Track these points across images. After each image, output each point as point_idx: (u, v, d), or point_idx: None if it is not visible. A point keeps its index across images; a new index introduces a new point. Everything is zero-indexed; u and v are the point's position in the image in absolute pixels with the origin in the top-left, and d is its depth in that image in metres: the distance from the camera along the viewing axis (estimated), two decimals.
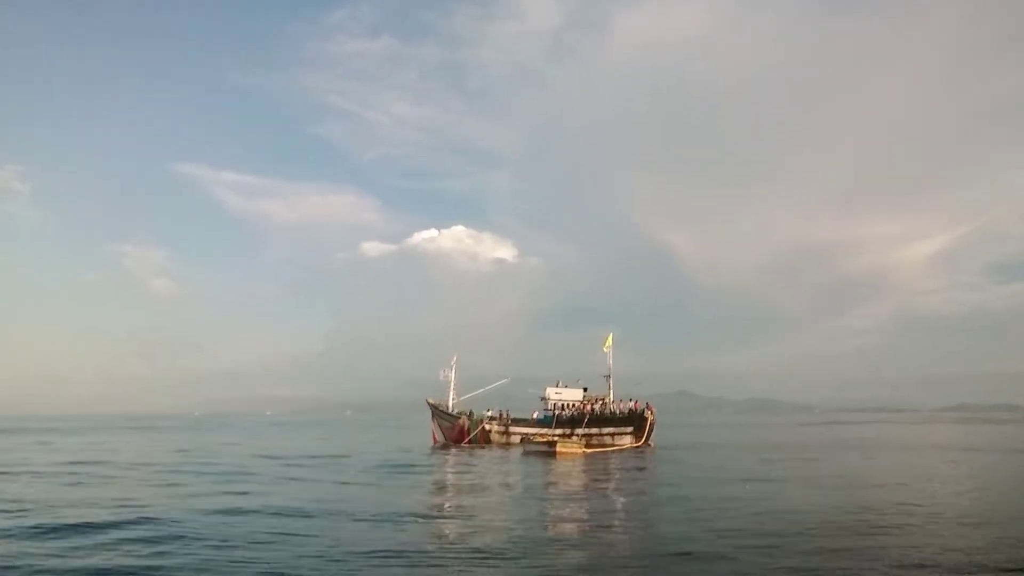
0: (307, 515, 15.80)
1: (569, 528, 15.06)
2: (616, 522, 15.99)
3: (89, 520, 14.59)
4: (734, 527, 14.11)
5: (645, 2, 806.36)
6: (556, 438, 40.95)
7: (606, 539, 13.66)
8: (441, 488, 23.24)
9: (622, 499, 20.07)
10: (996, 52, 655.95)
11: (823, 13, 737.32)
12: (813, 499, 18.94)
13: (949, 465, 30.15)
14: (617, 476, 26.97)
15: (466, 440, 43.64)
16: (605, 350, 47.00)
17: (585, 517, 16.46)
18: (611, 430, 44.33)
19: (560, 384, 46.26)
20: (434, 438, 46.08)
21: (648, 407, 45.74)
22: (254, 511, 16.33)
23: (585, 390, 46.38)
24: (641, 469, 30.01)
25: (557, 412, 44.90)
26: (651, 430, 45.01)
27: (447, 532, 14.26)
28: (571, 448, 37.46)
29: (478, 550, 11.92)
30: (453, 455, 36.89)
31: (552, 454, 35.59)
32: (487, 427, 44.26)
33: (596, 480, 25.50)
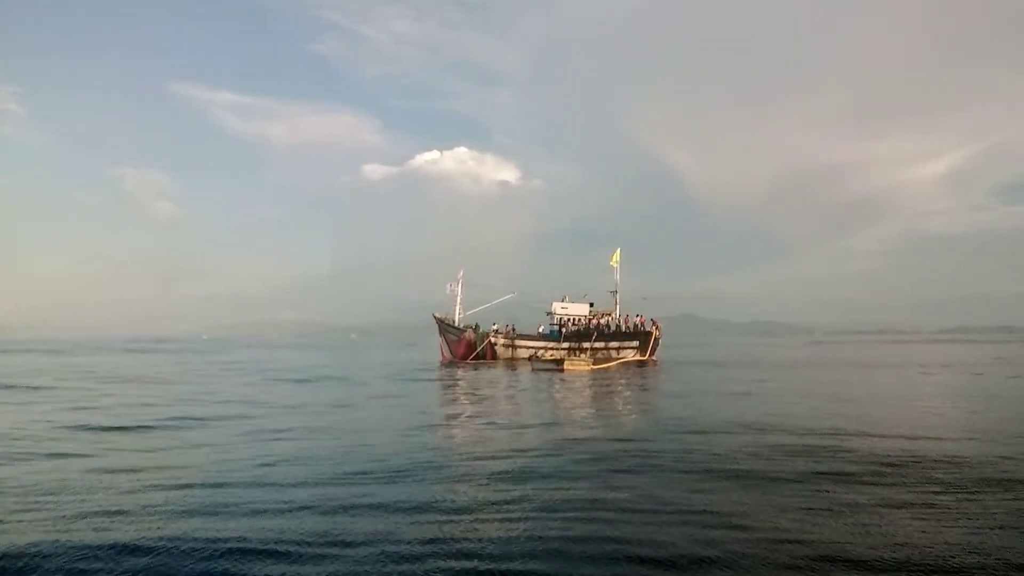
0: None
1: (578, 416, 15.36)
2: (622, 415, 16.40)
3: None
4: (730, 419, 14.98)
5: None
6: (564, 353, 41.36)
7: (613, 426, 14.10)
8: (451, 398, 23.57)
9: (629, 399, 20.44)
10: None
11: None
12: (796, 404, 19.47)
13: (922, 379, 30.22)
14: (623, 382, 27.29)
15: (472, 355, 44.00)
16: (612, 264, 46.77)
17: (592, 411, 16.90)
18: (616, 344, 44.63)
19: (566, 299, 46.33)
20: (442, 354, 46.41)
21: (654, 323, 45.92)
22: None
23: (591, 305, 46.48)
24: (645, 379, 30.34)
25: (563, 327, 45.16)
26: (655, 345, 45.34)
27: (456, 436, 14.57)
28: (578, 365, 37.58)
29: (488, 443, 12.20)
30: (460, 369, 37.27)
31: (560, 371, 35.66)
32: (493, 341, 44.54)
33: (603, 387, 25.83)
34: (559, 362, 37.98)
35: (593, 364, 38.81)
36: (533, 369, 37.38)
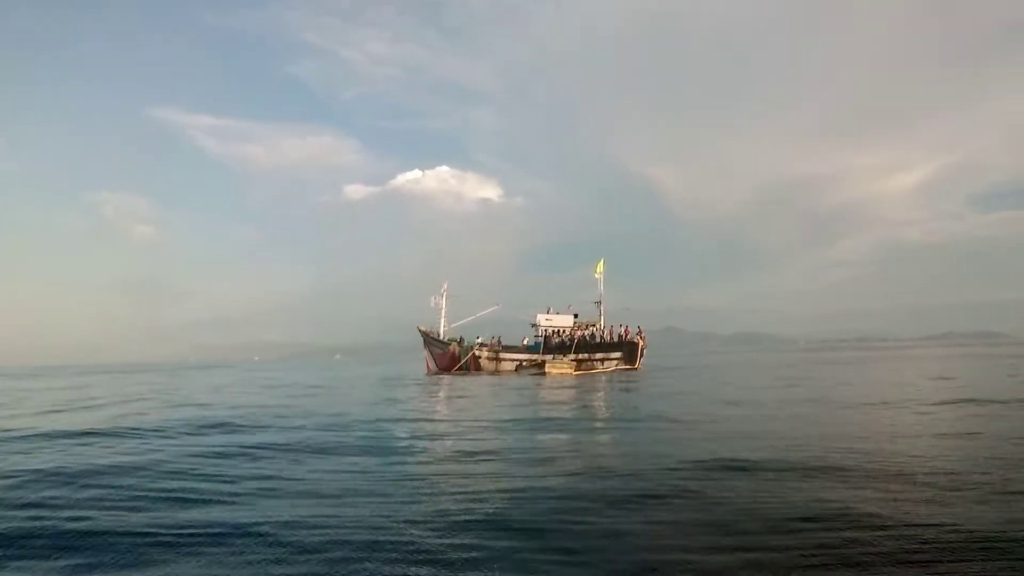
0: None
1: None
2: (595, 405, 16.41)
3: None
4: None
5: None
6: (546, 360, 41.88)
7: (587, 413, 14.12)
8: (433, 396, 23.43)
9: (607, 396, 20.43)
10: None
11: None
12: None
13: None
14: (605, 381, 27.29)
15: (457, 367, 43.95)
16: (596, 275, 46.88)
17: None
18: (601, 355, 44.62)
19: (550, 311, 46.32)
20: (428, 367, 46.25)
21: (639, 332, 45.95)
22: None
23: (575, 316, 46.48)
24: (630, 382, 30.38)
25: (547, 339, 45.14)
26: (641, 355, 45.31)
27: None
28: (560, 367, 38.51)
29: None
30: (445, 378, 37.23)
31: (542, 374, 36.64)
32: (477, 353, 44.45)
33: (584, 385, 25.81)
34: (541, 365, 39.17)
35: (577, 370, 39.73)
36: (518, 370, 39.78)
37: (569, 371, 37.97)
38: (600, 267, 46.91)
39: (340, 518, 6.30)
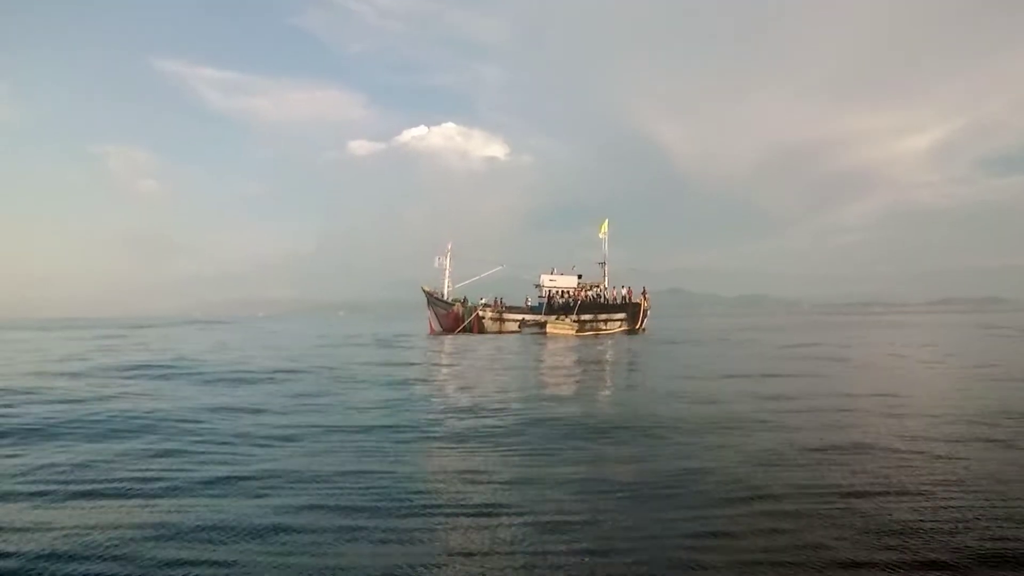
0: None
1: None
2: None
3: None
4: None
5: None
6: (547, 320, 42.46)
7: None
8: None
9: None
10: None
11: None
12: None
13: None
14: (606, 346, 27.23)
15: (460, 327, 43.88)
16: (601, 236, 46.47)
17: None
18: (604, 316, 44.48)
19: (555, 271, 46.03)
20: (431, 327, 46.15)
21: (644, 294, 45.72)
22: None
23: (580, 277, 46.19)
24: (632, 346, 30.33)
25: (551, 299, 44.95)
26: (644, 316, 45.15)
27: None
28: (561, 328, 39.33)
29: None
30: (447, 340, 37.22)
31: (543, 333, 37.61)
32: (481, 314, 44.34)
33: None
34: (543, 325, 41.02)
35: (579, 332, 40.24)
36: (520, 329, 42.45)
37: (570, 332, 38.35)
38: (605, 227, 46.49)
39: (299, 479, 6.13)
